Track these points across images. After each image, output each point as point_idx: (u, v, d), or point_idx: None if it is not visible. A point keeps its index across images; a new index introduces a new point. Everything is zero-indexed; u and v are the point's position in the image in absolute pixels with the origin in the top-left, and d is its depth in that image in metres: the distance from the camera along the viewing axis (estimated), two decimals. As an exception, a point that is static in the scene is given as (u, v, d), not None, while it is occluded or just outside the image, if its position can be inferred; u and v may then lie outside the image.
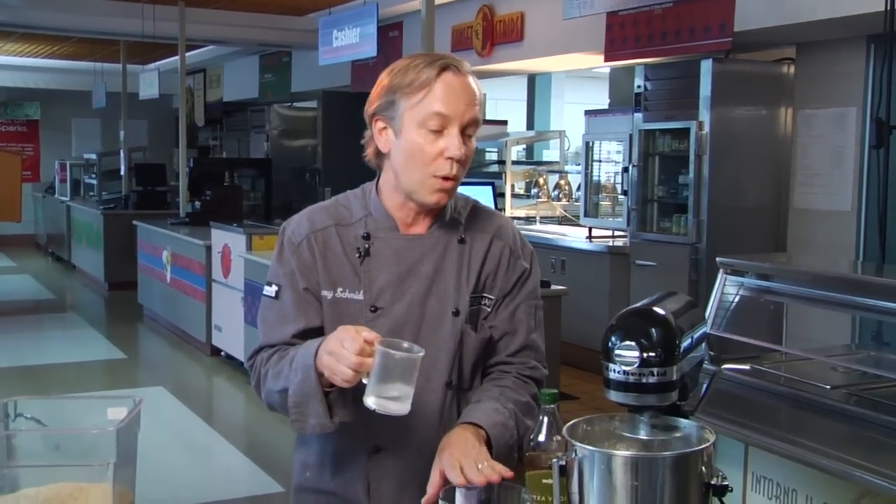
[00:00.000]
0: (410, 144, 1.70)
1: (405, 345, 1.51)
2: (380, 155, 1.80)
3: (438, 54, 1.75)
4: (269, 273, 1.82)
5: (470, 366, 1.79)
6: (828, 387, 2.76)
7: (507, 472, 1.48)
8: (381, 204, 1.79)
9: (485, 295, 1.80)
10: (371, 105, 1.77)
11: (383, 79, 1.75)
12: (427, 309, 1.75)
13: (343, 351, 1.51)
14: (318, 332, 1.74)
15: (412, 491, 1.68)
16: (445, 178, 1.70)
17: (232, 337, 7.16)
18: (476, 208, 1.86)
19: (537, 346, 1.83)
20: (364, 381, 1.51)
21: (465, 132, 1.71)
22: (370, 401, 1.50)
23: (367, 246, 1.76)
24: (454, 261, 1.78)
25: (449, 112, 1.67)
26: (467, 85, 1.71)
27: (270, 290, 1.78)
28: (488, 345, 1.81)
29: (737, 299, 3.23)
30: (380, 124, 1.76)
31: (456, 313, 1.76)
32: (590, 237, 7.44)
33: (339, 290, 1.75)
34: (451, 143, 1.68)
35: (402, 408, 1.50)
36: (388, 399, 1.49)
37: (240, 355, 6.97)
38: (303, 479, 1.85)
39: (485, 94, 1.79)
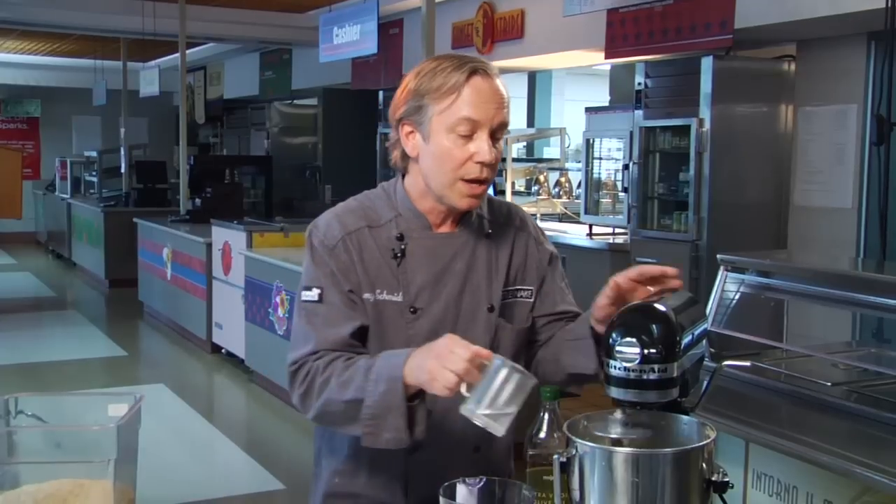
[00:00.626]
0: (440, 149, 1.69)
1: (520, 367, 1.46)
2: (405, 158, 1.78)
3: (466, 57, 1.72)
4: (306, 278, 1.76)
5: (508, 358, 1.78)
6: (828, 384, 2.76)
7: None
8: (411, 202, 1.77)
9: (520, 287, 1.82)
10: (397, 109, 1.74)
11: (409, 82, 1.73)
12: (462, 306, 1.75)
13: (453, 356, 1.46)
14: (367, 332, 1.71)
15: None
16: (475, 182, 1.69)
17: (232, 334, 7.16)
18: (490, 200, 1.86)
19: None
20: (464, 392, 1.45)
21: (494, 135, 1.69)
22: (468, 410, 1.44)
23: (402, 247, 1.75)
24: (484, 256, 1.79)
25: (479, 117, 1.66)
26: (496, 88, 1.69)
27: (312, 294, 1.72)
28: (526, 336, 1.82)
29: (737, 296, 3.23)
30: (407, 128, 1.74)
31: (490, 309, 1.77)
32: (590, 234, 7.43)
33: (378, 291, 1.73)
34: (481, 147, 1.67)
35: (500, 427, 1.44)
36: (489, 414, 1.43)
37: (240, 353, 6.97)
38: (332, 485, 1.82)
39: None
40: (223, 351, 7.47)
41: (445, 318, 1.73)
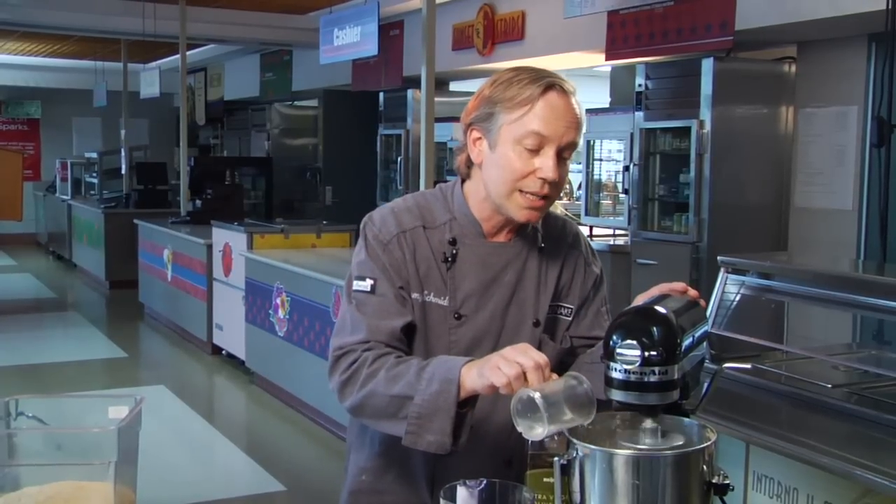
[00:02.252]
0: (504, 159, 1.67)
1: (586, 384, 1.42)
2: (469, 163, 1.76)
3: (545, 71, 1.70)
4: (358, 268, 1.74)
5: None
6: (829, 385, 2.76)
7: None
8: (468, 208, 1.76)
9: (562, 304, 1.80)
10: (468, 114, 1.73)
11: (484, 89, 1.71)
12: (507, 318, 1.74)
13: (523, 357, 1.44)
14: (415, 330, 1.70)
15: None
16: (535, 196, 1.66)
17: (233, 336, 7.16)
18: (547, 215, 1.82)
19: None
20: (530, 392, 1.40)
21: (562, 154, 1.67)
22: (525, 420, 1.41)
23: (454, 251, 1.73)
24: (534, 270, 1.77)
25: (548, 133, 1.64)
26: (570, 106, 1.67)
27: (364, 285, 1.71)
28: (566, 355, 1.80)
29: (738, 298, 3.23)
30: (475, 134, 1.72)
31: (536, 324, 1.75)
32: (591, 236, 7.44)
33: (426, 293, 1.72)
34: (546, 163, 1.64)
35: (539, 433, 1.40)
36: (549, 418, 1.39)
37: (241, 354, 6.97)
38: (358, 483, 1.81)
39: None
40: (223, 352, 7.47)
41: (490, 329, 1.71)
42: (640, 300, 1.57)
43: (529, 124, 1.64)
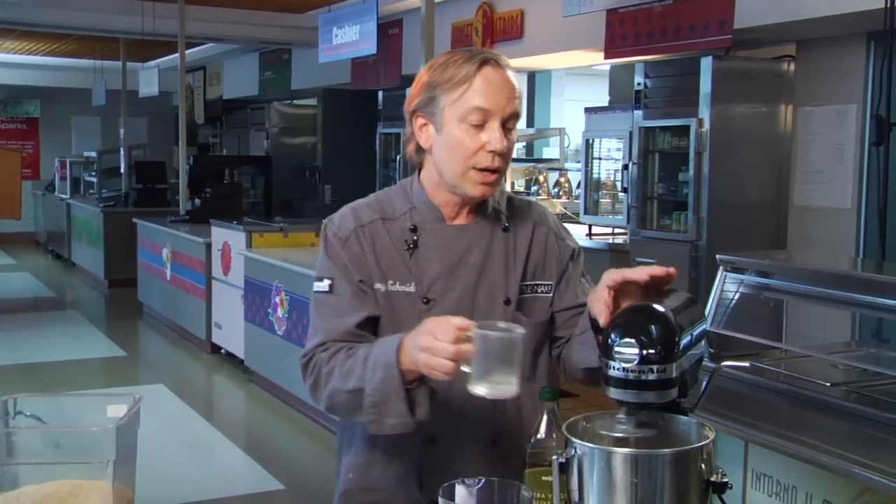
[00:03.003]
0: (452, 139, 1.71)
1: (502, 324, 1.48)
2: (420, 151, 1.80)
3: (478, 50, 1.76)
4: (319, 269, 1.80)
5: (529, 354, 1.79)
6: (828, 384, 2.76)
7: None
8: (426, 195, 1.79)
9: (539, 283, 1.82)
10: (411, 102, 1.78)
11: (423, 75, 1.76)
12: (477, 299, 1.76)
13: (438, 343, 1.48)
14: (376, 322, 1.73)
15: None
16: (487, 171, 1.70)
17: (232, 334, 7.16)
18: (511, 198, 1.88)
19: None
20: (465, 369, 1.47)
21: (506, 125, 1.71)
22: (478, 388, 1.46)
23: (415, 238, 1.76)
24: (500, 250, 1.79)
25: (489, 106, 1.68)
26: (507, 78, 1.72)
27: (323, 285, 1.76)
28: (546, 330, 1.82)
29: (737, 296, 3.23)
30: (420, 121, 1.77)
31: (507, 302, 1.77)
32: (590, 234, 7.43)
33: (391, 282, 1.75)
34: (493, 136, 1.68)
35: (510, 389, 1.46)
36: (494, 383, 1.45)
37: (240, 353, 6.97)
38: (346, 481, 1.83)
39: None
40: (223, 351, 7.47)
41: (460, 310, 1.71)
42: (605, 278, 1.55)
43: (471, 101, 1.68)
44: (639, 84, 6.35)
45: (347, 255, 1.75)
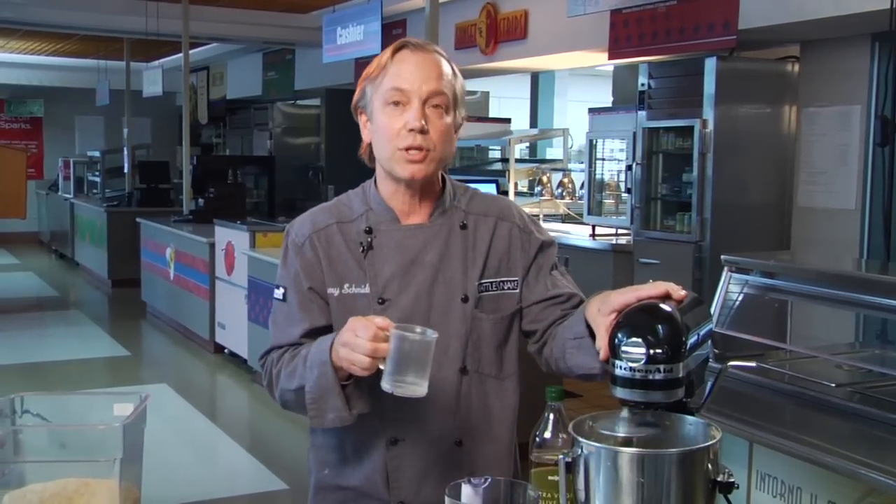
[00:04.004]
0: (379, 124, 1.74)
1: (418, 329, 1.53)
2: (370, 153, 1.82)
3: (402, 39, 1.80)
4: (277, 276, 1.85)
5: (491, 350, 1.79)
6: (832, 385, 2.76)
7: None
8: (380, 196, 1.81)
9: (504, 279, 1.81)
10: (353, 103, 1.82)
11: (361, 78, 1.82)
12: (434, 297, 1.76)
13: (357, 340, 1.53)
14: (325, 331, 1.74)
15: (431, 480, 1.70)
16: (411, 150, 1.71)
17: (235, 334, 7.16)
18: (476, 195, 1.88)
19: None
20: (381, 367, 1.52)
21: (432, 104, 1.71)
22: (387, 385, 1.51)
23: (369, 240, 1.77)
24: (458, 247, 1.79)
25: (405, 85, 1.70)
26: (426, 59, 1.73)
27: (279, 293, 1.82)
28: (510, 325, 1.81)
29: (741, 297, 3.23)
30: (362, 118, 1.81)
31: (465, 300, 1.76)
32: (593, 235, 7.43)
33: (346, 286, 1.76)
34: (410, 115, 1.70)
35: (418, 390, 1.51)
36: (404, 382, 1.51)
37: (243, 353, 6.98)
38: (321, 477, 1.85)
39: (462, 82, 1.81)
40: (226, 351, 7.48)
41: (417, 309, 1.74)
42: (614, 300, 1.50)
43: (389, 83, 1.72)
44: (643, 85, 6.35)
45: (301, 262, 1.79)
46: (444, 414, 1.73)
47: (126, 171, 12.75)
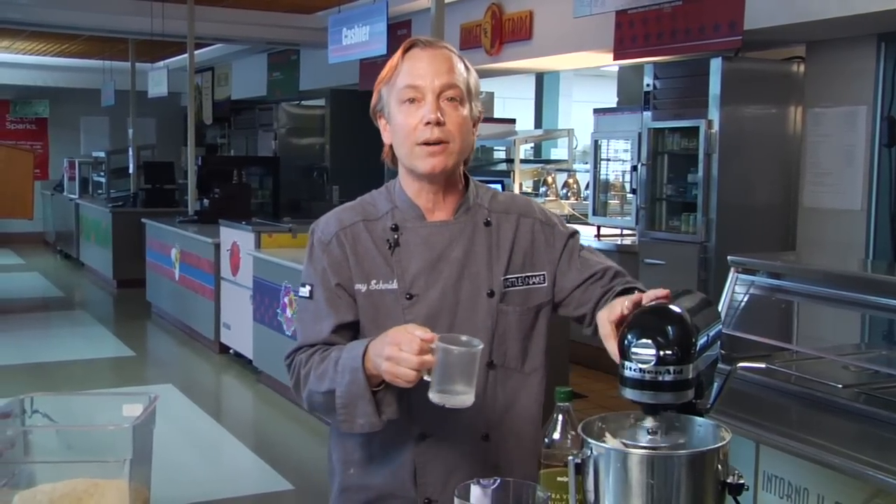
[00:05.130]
0: (396, 123, 1.77)
1: (463, 339, 1.53)
2: (392, 154, 1.84)
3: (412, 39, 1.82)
4: (303, 274, 1.85)
5: (517, 343, 1.81)
6: (839, 385, 2.76)
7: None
8: (405, 194, 1.83)
9: (529, 274, 1.83)
10: (371, 108, 1.85)
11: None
12: (461, 293, 1.78)
13: (402, 354, 1.53)
14: (353, 326, 1.77)
15: (459, 475, 1.70)
16: (429, 143, 1.73)
17: (240, 335, 7.17)
18: (497, 193, 1.91)
19: (623, 270, 1.87)
20: (426, 378, 1.53)
21: (446, 97, 1.74)
22: (435, 397, 1.52)
23: (396, 237, 1.79)
24: (483, 244, 1.81)
25: (418, 82, 1.73)
26: (436, 55, 1.76)
27: (304, 291, 1.81)
28: (536, 316, 1.83)
29: (747, 298, 3.23)
30: (381, 122, 1.84)
31: (490, 294, 1.79)
32: (598, 236, 7.43)
33: (373, 282, 1.78)
34: (426, 108, 1.73)
35: (466, 400, 1.53)
36: (452, 393, 1.52)
37: (248, 353, 6.98)
38: (346, 477, 1.86)
39: (474, 76, 1.84)
40: (231, 351, 7.48)
41: (443, 305, 1.76)
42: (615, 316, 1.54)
43: (402, 82, 1.75)
44: (648, 85, 6.34)
45: (328, 259, 1.79)
46: (471, 409, 1.73)
47: (131, 171, 12.76)
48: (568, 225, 1.93)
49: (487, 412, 1.76)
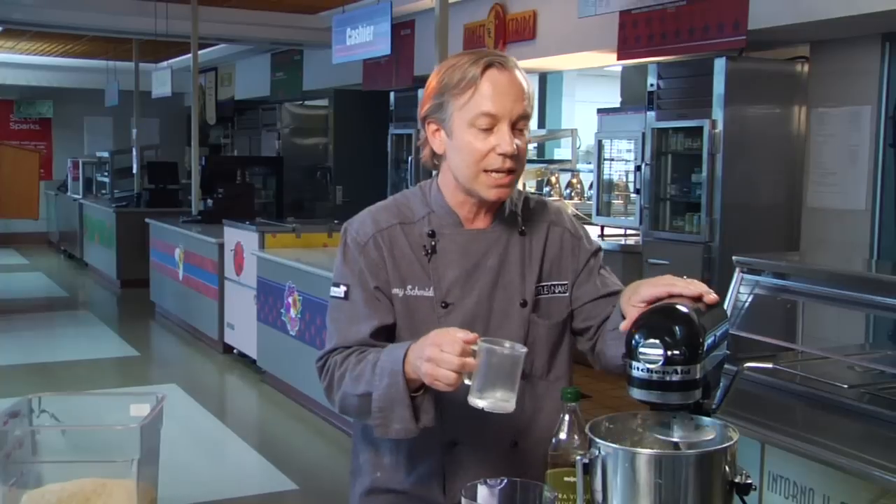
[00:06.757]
0: (463, 144, 1.72)
1: (507, 343, 1.50)
2: (435, 155, 1.81)
3: (483, 51, 1.76)
4: (336, 275, 1.81)
5: (545, 354, 1.81)
6: (845, 386, 2.76)
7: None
8: (443, 200, 1.80)
9: (554, 283, 1.83)
10: (422, 108, 1.79)
11: (432, 80, 1.77)
12: (495, 302, 1.77)
13: (443, 355, 1.50)
14: (391, 330, 1.75)
15: None
16: (500, 173, 1.71)
17: (244, 335, 7.17)
18: (528, 199, 1.89)
19: None
20: (466, 381, 1.50)
21: (516, 126, 1.71)
22: (478, 401, 1.48)
23: (433, 243, 1.78)
24: (517, 253, 1.81)
25: (496, 110, 1.69)
26: (514, 80, 1.71)
27: (339, 291, 1.78)
28: (563, 330, 1.83)
29: (752, 298, 3.22)
30: (433, 127, 1.78)
31: (523, 304, 1.78)
32: (602, 236, 7.43)
33: (409, 287, 1.76)
34: (502, 139, 1.69)
35: (507, 405, 1.49)
36: (493, 398, 1.48)
37: (252, 353, 6.99)
38: (374, 480, 1.84)
39: (533, 89, 1.80)
40: (235, 351, 7.49)
41: (478, 313, 1.75)
42: (644, 291, 1.54)
43: (478, 106, 1.69)
44: (652, 85, 6.33)
45: (365, 261, 1.77)
46: (502, 417, 1.72)
47: (135, 171, 12.77)
48: (593, 240, 1.92)
49: (516, 420, 1.74)
